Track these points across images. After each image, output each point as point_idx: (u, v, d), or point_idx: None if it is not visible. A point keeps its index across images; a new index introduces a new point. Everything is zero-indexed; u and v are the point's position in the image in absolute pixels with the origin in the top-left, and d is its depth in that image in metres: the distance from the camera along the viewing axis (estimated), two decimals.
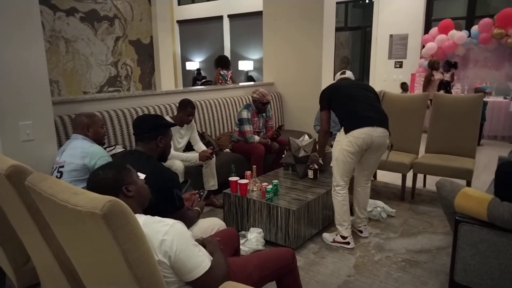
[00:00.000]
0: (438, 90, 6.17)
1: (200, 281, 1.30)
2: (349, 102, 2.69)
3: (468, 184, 3.38)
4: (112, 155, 2.81)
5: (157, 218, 1.31)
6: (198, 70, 9.78)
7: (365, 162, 2.77)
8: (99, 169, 1.41)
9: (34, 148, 2.40)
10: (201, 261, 1.31)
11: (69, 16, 5.89)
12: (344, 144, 2.60)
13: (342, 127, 2.66)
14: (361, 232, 2.94)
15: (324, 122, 2.83)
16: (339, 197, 2.71)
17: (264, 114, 4.09)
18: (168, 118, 3.41)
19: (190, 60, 10.84)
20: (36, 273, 1.82)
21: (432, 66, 6.58)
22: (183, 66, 10.99)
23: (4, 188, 1.45)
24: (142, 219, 1.26)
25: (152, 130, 1.93)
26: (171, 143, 3.26)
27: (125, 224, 1.03)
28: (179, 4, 10.84)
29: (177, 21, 10.90)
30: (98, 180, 1.36)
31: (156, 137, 1.92)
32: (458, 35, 6.81)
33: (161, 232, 1.24)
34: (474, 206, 1.93)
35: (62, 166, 2.21)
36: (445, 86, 6.24)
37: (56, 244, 1.46)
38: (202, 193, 2.22)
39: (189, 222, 1.89)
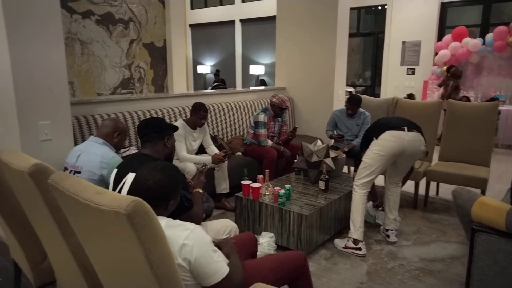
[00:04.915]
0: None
1: (218, 287, 1.30)
2: (380, 120, 2.89)
3: (482, 193, 3.34)
4: (125, 157, 2.84)
5: (178, 221, 1.32)
6: (217, 71, 9.84)
7: (398, 167, 2.87)
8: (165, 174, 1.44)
9: (52, 147, 2.44)
10: (220, 267, 1.32)
11: (85, 18, 5.99)
12: (374, 148, 2.70)
13: (374, 137, 2.74)
14: (388, 236, 2.94)
15: None
16: (356, 195, 2.75)
17: (280, 118, 4.10)
18: (181, 120, 3.44)
19: (202, 64, 10.92)
20: (52, 271, 1.84)
21: (456, 74, 6.49)
22: (195, 69, 11.07)
23: (26, 186, 1.48)
24: (164, 222, 1.28)
25: (160, 130, 1.96)
26: (183, 145, 3.33)
27: (148, 224, 1.04)
28: (192, 8, 10.93)
29: (190, 25, 11.00)
30: (162, 183, 1.40)
31: (164, 137, 1.95)
32: (472, 42, 6.75)
33: (182, 236, 1.25)
34: (492, 215, 1.90)
35: (79, 172, 2.18)
36: (467, 97, 6.18)
37: (75, 242, 1.47)
38: (203, 168, 2.16)
39: (196, 222, 1.90)
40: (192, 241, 1.26)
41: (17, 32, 2.19)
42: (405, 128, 2.67)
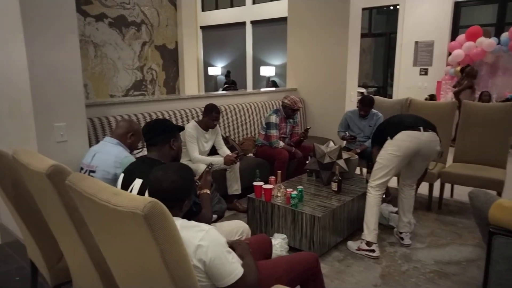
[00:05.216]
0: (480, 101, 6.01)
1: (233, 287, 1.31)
2: (394, 118, 2.83)
3: (499, 195, 3.28)
4: (138, 158, 2.86)
5: (193, 222, 1.33)
6: (228, 72, 9.86)
7: (413, 167, 2.81)
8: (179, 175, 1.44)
9: (67, 149, 2.47)
10: (235, 268, 1.32)
11: (98, 21, 6.09)
12: (389, 149, 2.65)
13: (389, 136, 2.68)
14: (402, 239, 2.90)
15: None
16: (370, 197, 2.71)
17: (291, 120, 4.09)
18: (193, 122, 3.46)
19: (212, 66, 10.97)
20: (68, 271, 1.86)
21: (471, 74, 6.40)
22: (205, 71, 11.12)
23: (43, 187, 1.50)
24: (179, 223, 1.29)
25: (165, 132, 1.94)
26: (196, 146, 3.34)
27: (165, 225, 1.05)
28: (203, 10, 10.99)
29: (200, 27, 11.05)
30: (179, 184, 1.41)
31: (169, 139, 1.93)
32: (486, 42, 6.63)
33: (197, 237, 1.26)
34: (510, 218, 1.86)
35: (94, 171, 2.23)
36: (488, 97, 6.06)
37: (91, 243, 1.49)
38: (209, 168, 2.11)
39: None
40: (207, 242, 1.27)
41: (34, 34, 2.23)
42: (421, 128, 2.63)
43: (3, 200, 1.93)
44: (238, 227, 2.10)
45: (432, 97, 6.90)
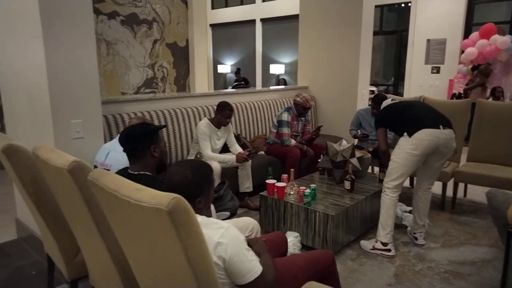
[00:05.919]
0: (492, 98, 5.91)
1: (252, 285, 1.31)
2: (408, 109, 2.73)
3: None
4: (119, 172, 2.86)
5: (212, 219, 1.34)
6: (238, 69, 9.85)
7: (429, 166, 2.74)
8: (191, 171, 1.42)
9: (83, 145, 2.50)
10: (253, 265, 1.32)
11: (110, 19, 6.13)
12: (407, 147, 2.57)
13: (405, 132, 2.60)
14: (416, 239, 2.88)
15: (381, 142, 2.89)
16: (387, 199, 2.66)
17: (303, 118, 4.08)
18: (206, 119, 3.46)
19: (222, 63, 10.98)
20: (85, 265, 1.89)
21: (484, 72, 6.31)
22: (215, 69, 11.14)
23: (64, 182, 1.52)
24: (199, 219, 1.29)
25: (144, 140, 1.76)
26: (209, 144, 3.35)
27: (188, 221, 1.06)
28: (212, 8, 11.00)
29: (210, 25, 11.07)
30: (188, 180, 1.39)
31: (149, 147, 1.76)
32: (501, 40, 6.53)
33: (217, 234, 1.27)
34: None
35: (108, 170, 2.23)
36: (501, 92, 5.95)
37: (110, 238, 1.51)
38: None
39: None
40: (226, 239, 1.27)
41: (52, 33, 2.25)
42: (441, 126, 2.56)
43: (22, 196, 1.96)
44: (247, 224, 2.10)
45: (466, 95, 6.71)
